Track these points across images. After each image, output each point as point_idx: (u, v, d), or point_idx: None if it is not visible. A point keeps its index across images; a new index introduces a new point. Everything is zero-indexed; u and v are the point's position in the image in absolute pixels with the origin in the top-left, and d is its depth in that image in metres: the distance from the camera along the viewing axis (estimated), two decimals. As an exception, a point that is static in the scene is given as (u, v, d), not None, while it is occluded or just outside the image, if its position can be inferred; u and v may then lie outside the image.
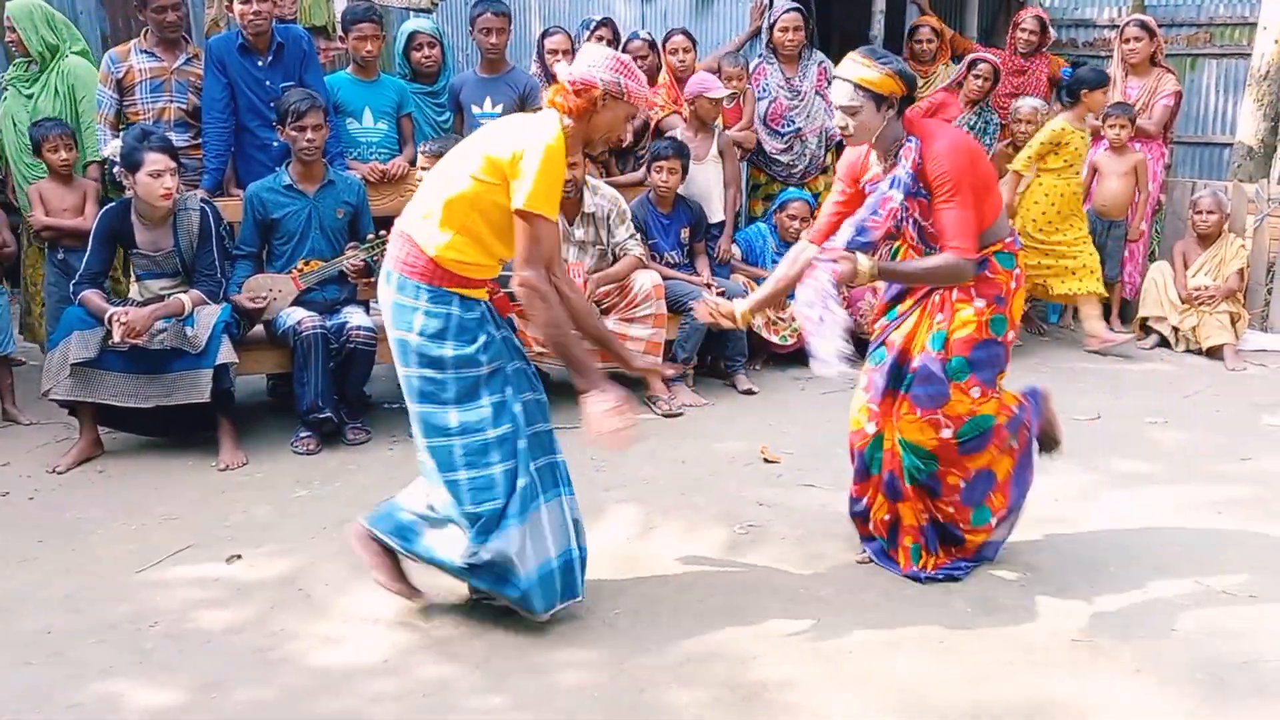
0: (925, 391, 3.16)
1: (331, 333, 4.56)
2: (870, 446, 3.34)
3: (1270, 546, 3.57)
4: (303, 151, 4.63)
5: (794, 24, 6.11)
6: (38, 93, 5.31)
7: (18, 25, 5.30)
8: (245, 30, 5.00)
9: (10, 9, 5.37)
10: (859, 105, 3.09)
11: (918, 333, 3.23)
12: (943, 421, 3.16)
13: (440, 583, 3.17)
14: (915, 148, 3.09)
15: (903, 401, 3.22)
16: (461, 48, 8.47)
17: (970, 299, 3.17)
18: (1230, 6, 7.61)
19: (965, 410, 3.16)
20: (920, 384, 3.17)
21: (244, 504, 4.02)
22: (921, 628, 3.05)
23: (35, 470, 4.37)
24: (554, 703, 2.71)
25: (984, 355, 3.17)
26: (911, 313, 3.27)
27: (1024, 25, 6.84)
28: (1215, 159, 7.63)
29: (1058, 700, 2.71)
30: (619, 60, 2.95)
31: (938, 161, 3.05)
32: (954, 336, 3.16)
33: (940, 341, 3.17)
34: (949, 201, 3.05)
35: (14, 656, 2.96)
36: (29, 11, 5.31)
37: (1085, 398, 5.22)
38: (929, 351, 3.17)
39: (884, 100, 3.09)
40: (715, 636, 3.01)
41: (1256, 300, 6.35)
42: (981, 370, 3.17)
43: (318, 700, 2.74)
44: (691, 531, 3.70)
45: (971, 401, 3.16)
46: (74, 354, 4.25)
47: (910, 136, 3.11)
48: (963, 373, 3.15)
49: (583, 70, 2.90)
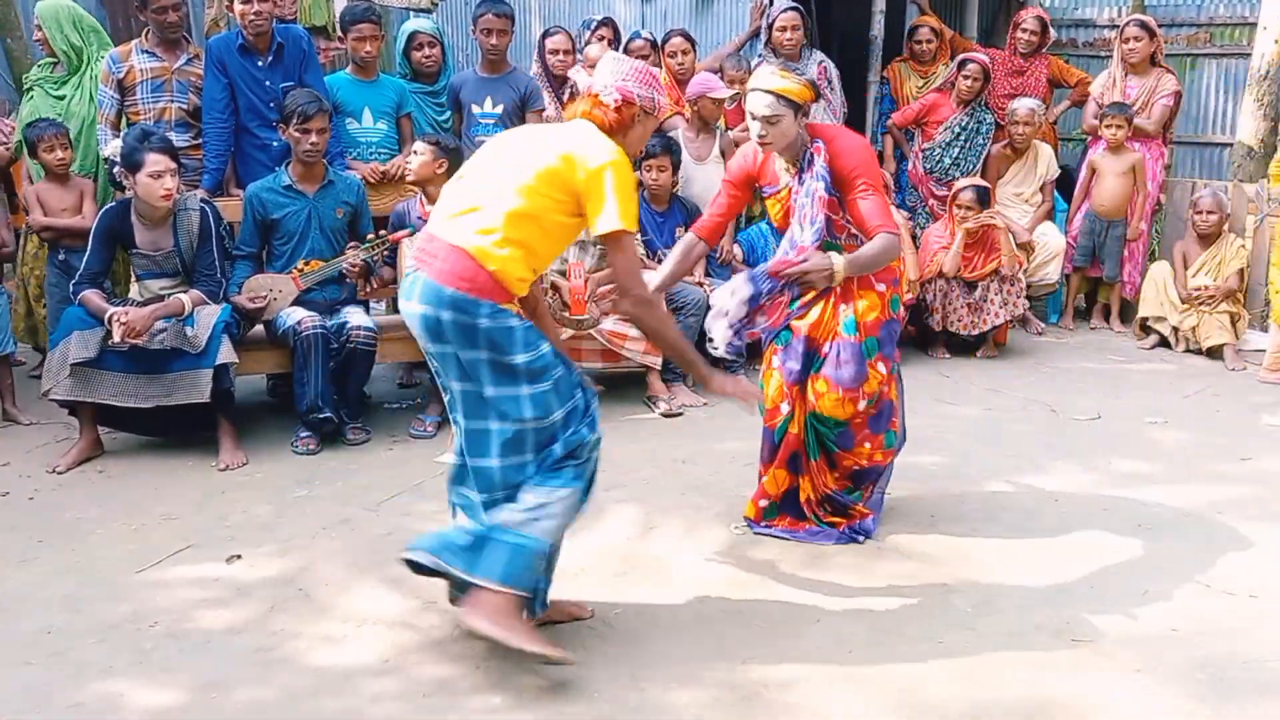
0: (849, 373, 3.43)
1: (332, 333, 4.56)
2: (781, 425, 3.56)
3: (1270, 546, 3.57)
4: (306, 154, 4.63)
5: (792, 23, 6.10)
6: (70, 94, 5.32)
7: (45, 25, 5.32)
8: (245, 30, 5.00)
9: (39, 9, 5.38)
10: (781, 114, 3.31)
11: (824, 319, 3.48)
12: (860, 396, 3.46)
13: (439, 582, 3.16)
14: (822, 149, 3.36)
15: (817, 380, 3.48)
16: (461, 48, 8.48)
17: (872, 284, 3.47)
18: (1230, 6, 7.61)
19: (877, 385, 3.48)
20: (841, 366, 3.44)
21: (244, 504, 4.02)
22: (921, 628, 3.05)
23: (35, 470, 4.37)
24: (554, 703, 2.71)
25: (887, 333, 3.51)
26: (817, 302, 3.49)
27: (1025, 25, 6.84)
28: (1215, 159, 7.64)
29: (1058, 700, 2.71)
30: (650, 74, 2.94)
31: (848, 157, 3.35)
32: (864, 320, 3.45)
33: (852, 326, 3.44)
34: (866, 191, 3.33)
35: (14, 656, 2.96)
36: (55, 12, 5.33)
37: (1085, 398, 5.23)
38: (845, 337, 3.44)
39: (800, 109, 3.34)
40: (715, 636, 3.01)
41: (1256, 300, 6.34)
42: (886, 346, 3.51)
43: (318, 700, 2.74)
44: (691, 531, 3.70)
45: (880, 377, 3.48)
46: (74, 354, 4.25)
47: (814, 139, 3.38)
48: (873, 351, 3.46)
49: (619, 83, 2.88)
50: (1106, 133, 6.40)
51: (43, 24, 5.32)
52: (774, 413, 3.56)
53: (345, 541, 3.66)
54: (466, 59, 8.34)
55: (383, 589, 3.32)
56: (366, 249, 4.75)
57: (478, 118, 5.52)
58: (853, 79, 6.93)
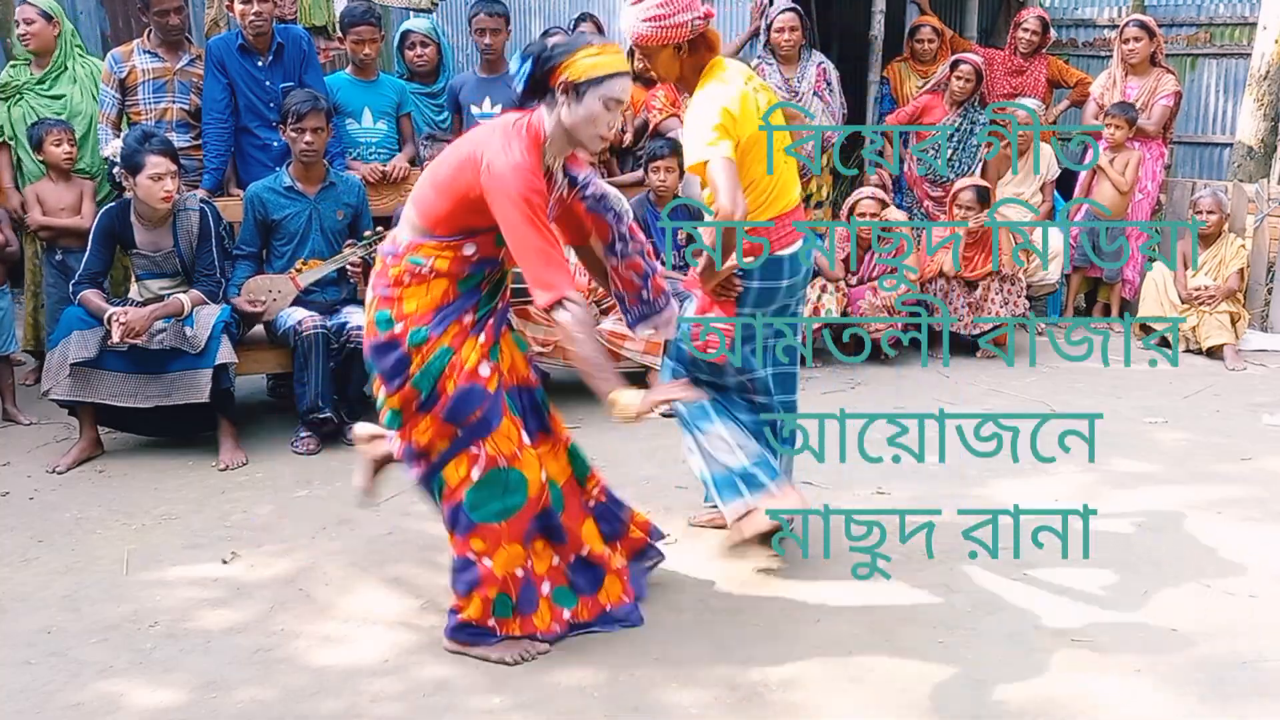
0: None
1: (332, 333, 4.56)
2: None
3: (1270, 546, 3.57)
4: (302, 153, 4.63)
5: (790, 24, 6.09)
6: (67, 92, 5.26)
7: (56, 15, 5.27)
8: (245, 30, 5.00)
9: (47, 4, 5.30)
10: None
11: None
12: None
13: (440, 582, 3.16)
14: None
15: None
16: (462, 48, 8.47)
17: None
18: (1230, 6, 7.61)
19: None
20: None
21: (244, 504, 4.02)
22: (921, 628, 3.05)
23: (35, 470, 4.38)
24: (554, 703, 2.71)
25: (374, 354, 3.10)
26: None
27: (1026, 25, 6.84)
28: (1215, 159, 7.64)
29: (1058, 700, 2.71)
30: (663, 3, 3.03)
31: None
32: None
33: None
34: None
35: (14, 656, 2.96)
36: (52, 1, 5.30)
37: (1085, 398, 5.23)
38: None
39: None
40: (715, 636, 3.01)
41: (1256, 300, 6.35)
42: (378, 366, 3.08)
43: (318, 700, 2.74)
44: (691, 531, 3.70)
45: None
46: (73, 354, 4.25)
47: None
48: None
49: (632, 29, 3.01)
50: (1107, 132, 6.41)
51: (55, 14, 5.27)
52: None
53: (345, 541, 3.66)
54: (467, 59, 8.34)
55: (383, 589, 3.32)
56: (364, 245, 4.74)
57: (477, 118, 5.52)
58: (853, 79, 6.93)
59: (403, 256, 2.80)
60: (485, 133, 2.80)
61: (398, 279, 2.79)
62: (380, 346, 2.81)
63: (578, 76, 2.69)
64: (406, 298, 2.78)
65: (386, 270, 2.82)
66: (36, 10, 5.22)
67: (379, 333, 2.80)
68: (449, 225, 2.76)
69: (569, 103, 2.71)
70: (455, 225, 2.76)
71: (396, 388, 2.79)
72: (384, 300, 2.80)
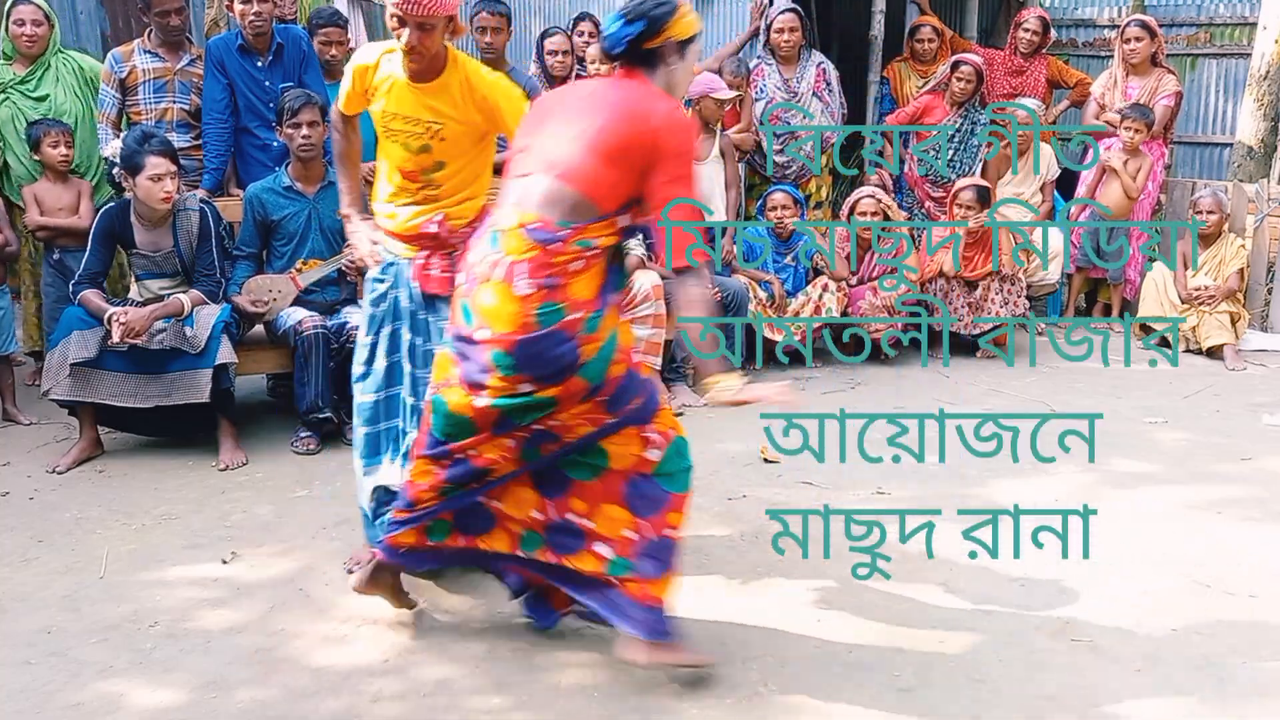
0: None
1: (332, 333, 4.56)
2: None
3: (1270, 546, 3.58)
4: (300, 149, 4.62)
5: (789, 25, 6.10)
6: (50, 91, 5.24)
7: (53, 16, 5.25)
8: (245, 31, 5.01)
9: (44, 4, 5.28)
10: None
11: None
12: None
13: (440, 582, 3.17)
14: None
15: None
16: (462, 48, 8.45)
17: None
18: (1230, 6, 7.61)
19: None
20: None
21: (244, 504, 4.02)
22: (921, 628, 3.05)
23: (35, 470, 4.38)
24: (554, 703, 2.71)
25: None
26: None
27: (1027, 25, 6.84)
28: (1215, 159, 7.64)
29: (1058, 700, 2.71)
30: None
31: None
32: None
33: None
34: None
35: (14, 656, 2.96)
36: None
37: (1085, 398, 5.23)
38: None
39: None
40: (715, 636, 3.01)
41: (1256, 300, 6.35)
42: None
43: (318, 700, 2.74)
44: (692, 531, 3.69)
45: None
46: (73, 354, 4.25)
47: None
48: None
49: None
50: (1124, 134, 6.40)
51: (49, 17, 5.26)
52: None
53: (345, 541, 3.66)
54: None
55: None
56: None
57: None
58: (853, 79, 6.93)
59: (570, 240, 2.59)
60: (623, 93, 2.69)
61: (562, 267, 2.58)
62: (540, 340, 2.58)
63: (683, 34, 2.70)
64: (573, 284, 2.59)
65: (549, 259, 2.58)
66: (40, 12, 5.22)
67: (540, 326, 2.57)
68: (617, 198, 2.63)
69: (676, 61, 2.72)
70: (624, 195, 2.63)
71: (557, 381, 2.61)
72: (548, 292, 2.57)
